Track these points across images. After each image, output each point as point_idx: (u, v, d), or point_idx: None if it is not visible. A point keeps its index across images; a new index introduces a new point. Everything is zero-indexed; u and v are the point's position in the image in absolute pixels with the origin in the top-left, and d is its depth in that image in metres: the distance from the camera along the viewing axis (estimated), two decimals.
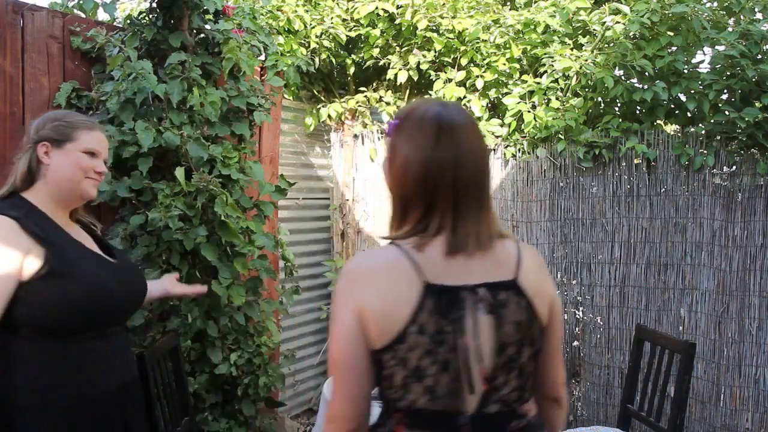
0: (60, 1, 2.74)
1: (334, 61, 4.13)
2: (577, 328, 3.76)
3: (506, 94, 3.83)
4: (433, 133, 1.11)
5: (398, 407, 1.10)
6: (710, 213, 3.38)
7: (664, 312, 3.51)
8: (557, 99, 3.67)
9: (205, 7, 2.55)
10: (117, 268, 1.67)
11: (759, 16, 3.64)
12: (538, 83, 3.71)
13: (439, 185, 1.10)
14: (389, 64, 4.05)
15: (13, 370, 1.48)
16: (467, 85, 3.89)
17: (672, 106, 3.64)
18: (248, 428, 2.72)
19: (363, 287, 1.08)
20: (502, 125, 3.83)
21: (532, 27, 3.80)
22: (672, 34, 3.55)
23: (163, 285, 1.99)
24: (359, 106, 4.17)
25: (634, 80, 3.60)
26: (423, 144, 1.11)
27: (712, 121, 3.38)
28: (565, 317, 3.71)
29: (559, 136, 3.64)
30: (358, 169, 4.30)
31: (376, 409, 1.16)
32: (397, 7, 3.93)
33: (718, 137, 3.36)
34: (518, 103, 3.71)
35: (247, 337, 2.71)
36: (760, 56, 3.28)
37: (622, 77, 3.60)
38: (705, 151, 3.39)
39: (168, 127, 2.41)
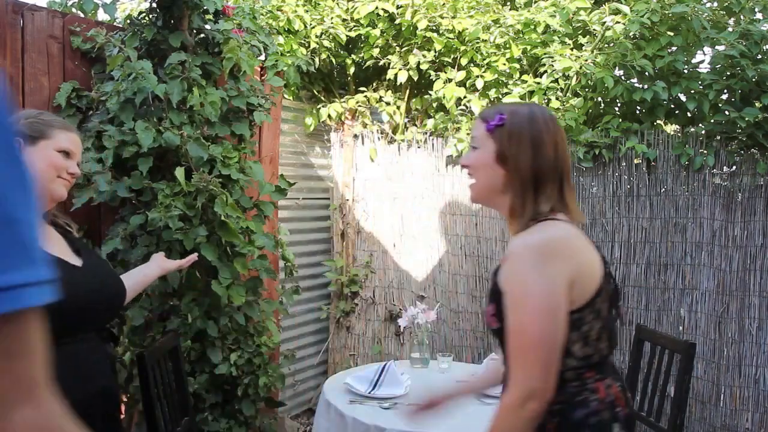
0: (60, 0, 2.74)
1: (334, 61, 4.13)
2: None
3: (506, 94, 3.82)
4: (555, 130, 1.31)
5: (591, 363, 1.23)
6: (710, 213, 3.37)
7: (664, 312, 3.50)
8: (557, 99, 3.67)
9: (205, 7, 2.55)
10: (79, 271, 1.55)
11: (759, 16, 3.64)
12: (538, 83, 3.71)
13: (564, 171, 1.30)
14: (389, 64, 4.04)
15: None
16: (467, 85, 3.89)
17: (672, 106, 3.63)
18: (248, 428, 2.72)
19: (568, 257, 1.21)
20: None
21: (532, 27, 3.80)
22: (672, 34, 3.55)
23: (157, 263, 1.99)
24: (359, 106, 4.17)
25: (634, 80, 3.59)
26: (550, 139, 1.29)
27: (712, 121, 3.37)
28: None
29: None
30: (358, 169, 4.30)
31: (376, 409, 1.16)
32: (397, 7, 3.93)
33: (718, 137, 3.36)
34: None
35: (247, 337, 2.71)
36: (760, 56, 3.28)
37: (622, 77, 3.59)
38: (705, 151, 3.39)
39: (168, 127, 2.41)
